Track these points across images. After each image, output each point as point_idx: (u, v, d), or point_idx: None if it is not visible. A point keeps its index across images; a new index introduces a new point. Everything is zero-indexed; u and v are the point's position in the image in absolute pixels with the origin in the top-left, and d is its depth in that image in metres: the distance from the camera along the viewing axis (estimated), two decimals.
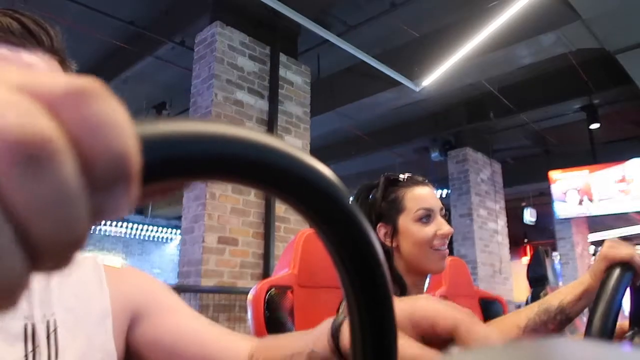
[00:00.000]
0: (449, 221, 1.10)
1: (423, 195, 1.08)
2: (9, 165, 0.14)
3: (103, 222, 0.17)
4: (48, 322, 0.56)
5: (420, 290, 1.10)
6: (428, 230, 1.05)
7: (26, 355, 0.52)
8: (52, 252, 0.15)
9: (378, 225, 1.08)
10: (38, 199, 0.14)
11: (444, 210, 1.09)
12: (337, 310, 1.04)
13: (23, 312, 0.54)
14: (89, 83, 0.16)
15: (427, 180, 1.13)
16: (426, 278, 1.12)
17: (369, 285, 0.25)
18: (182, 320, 0.65)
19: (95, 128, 0.15)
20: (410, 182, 1.10)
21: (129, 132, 0.16)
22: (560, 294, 0.88)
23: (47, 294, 0.57)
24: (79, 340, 0.58)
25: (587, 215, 6.45)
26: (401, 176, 1.12)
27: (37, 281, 0.56)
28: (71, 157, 0.15)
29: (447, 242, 1.07)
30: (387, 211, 1.08)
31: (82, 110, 0.15)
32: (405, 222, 1.06)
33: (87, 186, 0.15)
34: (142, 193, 0.17)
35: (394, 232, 1.07)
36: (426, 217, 1.06)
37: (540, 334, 0.84)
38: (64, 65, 0.59)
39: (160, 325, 0.64)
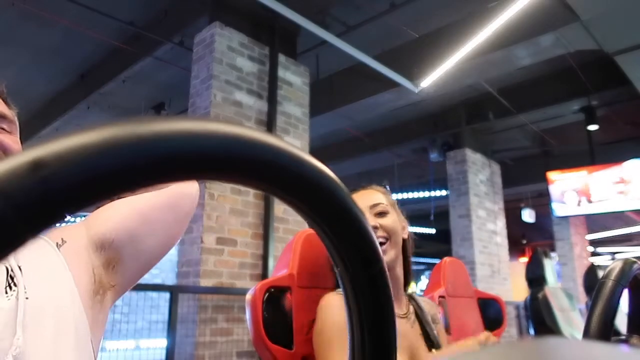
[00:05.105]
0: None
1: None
2: None
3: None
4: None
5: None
6: None
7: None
8: None
9: None
10: None
11: (379, 207, 1.11)
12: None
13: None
14: None
15: (367, 185, 1.16)
16: None
17: (369, 284, 0.25)
18: (128, 203, 0.76)
19: None
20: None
21: None
22: None
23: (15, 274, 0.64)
24: (50, 311, 0.64)
25: (584, 213, 6.45)
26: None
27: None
28: None
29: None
30: None
31: None
32: None
33: None
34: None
35: None
36: None
37: None
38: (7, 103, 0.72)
39: (120, 220, 0.75)
